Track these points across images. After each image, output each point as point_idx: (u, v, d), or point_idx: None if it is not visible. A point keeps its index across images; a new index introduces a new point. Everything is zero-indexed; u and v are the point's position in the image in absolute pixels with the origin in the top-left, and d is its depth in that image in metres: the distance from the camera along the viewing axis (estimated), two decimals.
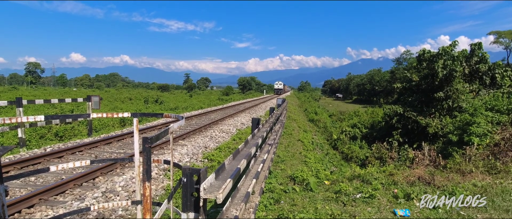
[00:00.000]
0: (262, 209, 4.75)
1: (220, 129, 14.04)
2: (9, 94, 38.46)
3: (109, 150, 9.03)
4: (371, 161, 12.97)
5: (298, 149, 11.71)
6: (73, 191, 5.67)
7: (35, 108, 22.16)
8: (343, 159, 15.83)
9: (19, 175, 2.65)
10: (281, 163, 8.77)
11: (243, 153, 3.76)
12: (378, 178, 6.61)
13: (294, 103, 42.56)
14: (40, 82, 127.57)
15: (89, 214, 4.66)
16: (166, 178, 6.68)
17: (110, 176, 6.59)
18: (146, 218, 1.81)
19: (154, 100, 37.86)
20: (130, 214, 4.87)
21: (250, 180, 4.54)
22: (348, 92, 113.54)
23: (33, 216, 4.58)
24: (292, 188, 6.02)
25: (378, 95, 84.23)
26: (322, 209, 4.64)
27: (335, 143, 19.29)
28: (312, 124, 26.11)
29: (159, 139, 2.05)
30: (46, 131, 11.86)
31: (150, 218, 1.85)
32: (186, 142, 10.60)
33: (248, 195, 3.82)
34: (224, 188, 2.40)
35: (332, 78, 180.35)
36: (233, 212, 3.27)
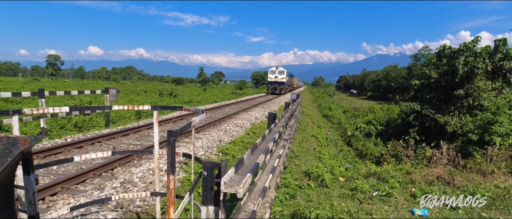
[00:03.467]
0: (278, 204, 4.75)
1: (234, 123, 14.09)
2: (31, 86, 39.79)
3: (126, 142, 9.22)
4: (386, 158, 12.76)
5: (312, 145, 11.64)
6: (93, 180, 5.82)
7: (55, 100, 22.85)
8: (357, 155, 15.64)
9: (45, 164, 2.73)
10: (296, 159, 8.74)
11: (261, 148, 3.75)
12: (395, 176, 6.50)
13: (308, 99, 42.25)
14: (60, 74, 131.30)
15: (109, 203, 4.78)
16: (182, 170, 6.77)
17: (128, 167, 6.73)
18: (169, 210, 1.84)
19: (168, 94, 38.36)
20: (147, 204, 4.96)
21: (266, 174, 4.54)
22: (363, 89, 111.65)
23: (55, 204, 4.73)
24: (307, 183, 6.00)
25: (394, 92, 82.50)
26: (338, 206, 4.60)
27: (349, 140, 19.06)
28: (326, 119, 25.86)
29: (183, 132, 2.07)
30: (66, 122, 12.21)
31: (174, 210, 1.87)
32: (201, 135, 10.70)
33: (265, 189, 3.82)
34: (244, 182, 2.40)
35: (347, 74, 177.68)
36: (250, 206, 3.28)
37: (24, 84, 47.11)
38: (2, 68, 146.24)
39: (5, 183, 1.53)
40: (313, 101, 44.51)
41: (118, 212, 4.60)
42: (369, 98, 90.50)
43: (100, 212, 4.51)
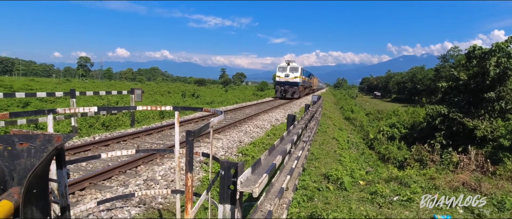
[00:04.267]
0: (295, 205, 4.78)
1: (254, 124, 14.19)
2: (64, 86, 41.97)
3: (149, 141, 9.55)
4: (410, 163, 12.38)
5: (333, 147, 11.51)
6: (118, 177, 6.10)
7: (85, 99, 23.98)
8: (379, 159, 15.27)
9: (75, 160, 2.93)
10: (315, 161, 8.70)
11: (279, 149, 3.80)
12: (417, 181, 6.32)
13: (329, 101, 41.68)
14: (90, 75, 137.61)
15: (132, 199, 5.00)
16: (202, 170, 6.93)
17: (151, 165, 6.98)
18: (187, 206, 1.94)
19: (191, 94, 39.16)
20: (168, 202, 5.14)
21: (284, 176, 4.59)
22: (387, 91, 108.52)
23: (84, 198, 5.01)
24: (325, 186, 5.97)
25: (420, 95, 79.60)
26: (357, 210, 4.55)
27: (371, 143, 18.64)
28: (348, 122, 25.42)
29: (201, 132, 2.16)
30: (94, 121, 12.81)
31: (191, 207, 1.97)
32: (221, 136, 10.87)
33: (282, 190, 3.87)
34: (260, 182, 2.47)
35: (371, 75, 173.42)
36: (267, 206, 3.34)
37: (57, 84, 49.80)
38: (38, 69, 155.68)
39: (41, 175, 1.68)
40: (335, 103, 43.85)
41: (141, 208, 4.80)
42: (393, 101, 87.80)
43: (124, 208, 4.72)
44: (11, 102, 19.45)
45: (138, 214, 4.57)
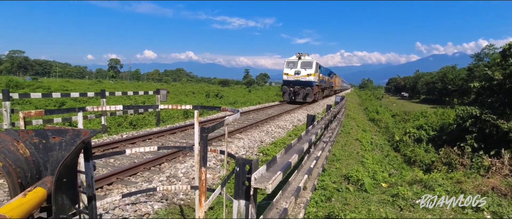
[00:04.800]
0: (313, 205, 4.78)
1: (276, 124, 14.23)
2: (95, 87, 44.12)
3: (173, 139, 9.87)
4: (437, 166, 11.89)
5: (356, 149, 11.31)
6: (143, 173, 6.38)
7: (114, 99, 25.08)
8: (405, 162, 14.78)
9: (102, 155, 3.14)
10: (337, 162, 8.60)
11: (296, 148, 3.84)
12: (442, 185, 6.10)
13: (354, 102, 40.80)
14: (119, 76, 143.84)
15: (155, 194, 5.23)
16: (223, 168, 7.09)
17: (173, 163, 7.23)
18: (201, 199, 2.04)
19: (215, 95, 39.79)
20: (189, 198, 5.32)
21: (301, 175, 4.62)
22: (416, 91, 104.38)
23: (111, 192, 5.31)
24: (345, 187, 5.91)
25: (451, 95, 75.90)
26: (376, 211, 4.49)
27: (397, 145, 18.07)
28: (373, 123, 24.78)
29: (215, 129, 2.27)
30: (122, 120, 13.40)
31: (205, 200, 2.07)
32: (243, 136, 11.01)
33: (298, 189, 3.91)
34: (273, 179, 2.53)
35: (398, 75, 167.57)
36: (283, 204, 3.40)
37: (90, 85, 52.44)
38: (73, 71, 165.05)
39: (71, 166, 1.85)
40: (359, 104, 42.85)
41: (163, 203, 5.01)
42: (422, 102, 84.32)
43: (148, 202, 4.95)
44: (48, 102, 20.75)
45: (160, 208, 4.78)
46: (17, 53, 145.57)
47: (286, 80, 24.85)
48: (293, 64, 24.82)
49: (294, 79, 24.37)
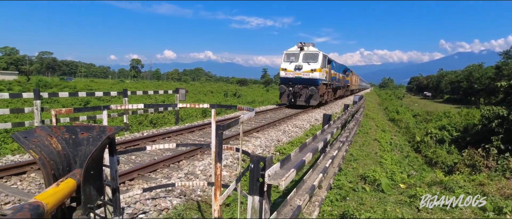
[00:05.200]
0: (328, 204, 4.81)
1: (293, 124, 14.23)
2: (118, 86, 45.59)
3: (191, 138, 10.11)
4: (460, 168, 11.52)
5: (374, 149, 11.14)
6: (162, 170, 6.61)
7: (135, 98, 25.85)
8: (426, 163, 14.39)
9: (125, 151, 3.32)
10: (354, 162, 8.53)
11: (310, 147, 3.89)
12: (463, 187, 5.95)
13: (373, 101, 40.00)
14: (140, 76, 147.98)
15: (174, 190, 5.42)
16: (240, 166, 7.21)
17: (192, 160, 7.42)
18: (216, 193, 2.14)
19: (233, 94, 40.15)
20: (206, 195, 5.48)
21: (316, 174, 4.66)
22: (439, 91, 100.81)
23: (133, 187, 5.55)
24: (361, 187, 5.88)
25: (476, 95, 72.78)
26: (392, 212, 4.46)
27: (418, 146, 17.60)
28: (393, 123, 24.23)
29: (230, 126, 2.37)
30: (143, 118, 13.84)
31: (220, 194, 2.17)
32: (260, 135, 11.11)
33: (313, 188, 3.95)
34: (287, 176, 2.61)
35: (420, 74, 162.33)
36: (296, 201, 3.46)
37: (113, 85, 54.27)
38: (97, 71, 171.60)
39: (98, 160, 2.01)
40: (379, 104, 41.94)
41: (181, 199, 5.19)
42: (445, 102, 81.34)
43: (167, 198, 5.14)
44: (74, 101, 21.69)
45: (179, 204, 4.95)
46: (46, 54, 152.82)
47: (284, 77, 19.88)
48: (294, 57, 19.71)
49: (294, 76, 19.46)
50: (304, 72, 19.25)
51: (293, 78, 19.63)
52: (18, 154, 7.39)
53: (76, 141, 2.05)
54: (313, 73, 19.09)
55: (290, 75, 19.72)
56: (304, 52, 19.62)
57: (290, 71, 19.68)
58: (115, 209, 2.24)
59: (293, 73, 19.61)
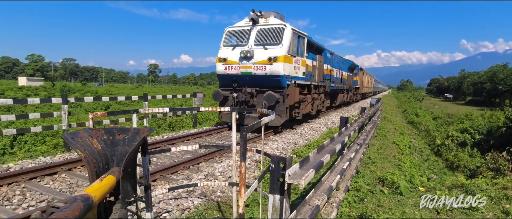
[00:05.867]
0: (346, 205, 4.86)
1: (310, 127, 14.25)
2: (137, 91, 46.86)
3: (210, 140, 10.33)
4: (483, 172, 11.19)
5: (392, 152, 11.02)
6: (183, 172, 6.84)
7: (154, 103, 26.53)
8: (447, 167, 14.04)
9: (151, 152, 3.53)
10: (372, 165, 8.50)
11: (328, 149, 3.98)
12: (485, 190, 5.85)
13: (391, 104, 39.26)
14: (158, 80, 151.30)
15: (195, 191, 5.62)
16: (257, 169, 7.35)
17: (211, 162, 7.63)
18: (241, 190, 2.29)
19: None
20: (226, 196, 5.64)
21: (334, 175, 4.73)
22: (460, 92, 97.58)
23: (156, 187, 5.79)
24: (379, 189, 5.89)
25: (501, 97, 70.03)
26: (411, 214, 4.47)
27: (438, 149, 17.18)
28: (412, 126, 23.74)
29: (253, 128, 2.51)
30: (162, 122, 14.22)
31: (244, 191, 2.32)
32: (277, 138, 11.21)
33: (331, 188, 4.04)
34: (306, 176, 2.72)
35: (440, 76, 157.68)
36: (315, 201, 3.56)
37: (132, 89, 55.83)
38: (117, 76, 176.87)
39: (133, 159, 2.20)
40: (397, 106, 41.11)
41: (202, 199, 5.38)
42: (468, 104, 78.64)
43: (189, 198, 5.34)
44: (96, 105, 22.51)
45: (200, 204, 5.14)
46: (69, 61, 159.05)
47: (223, 74, 11.61)
48: (242, 37, 11.49)
49: (238, 73, 11.15)
50: (256, 63, 10.75)
51: (237, 76, 11.22)
52: (48, 156, 7.83)
53: (114, 141, 2.25)
54: (273, 66, 10.49)
55: (232, 71, 11.23)
56: (259, 29, 11.13)
57: (233, 62, 11.15)
58: (147, 205, 2.43)
59: (238, 67, 11.09)
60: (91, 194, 1.66)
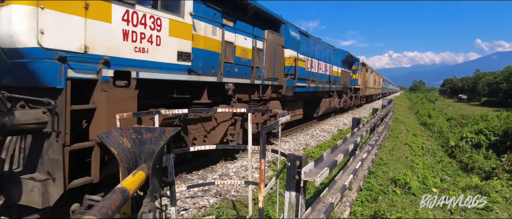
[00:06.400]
0: (359, 204, 4.94)
1: (321, 128, 14.30)
2: None
3: None
4: (498, 173, 11.04)
5: (404, 153, 10.97)
6: (198, 172, 7.01)
7: None
8: (461, 168, 13.86)
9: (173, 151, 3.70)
10: (384, 166, 8.51)
11: (341, 149, 4.09)
12: (500, 191, 5.83)
13: (403, 105, 38.81)
14: None
15: (210, 190, 5.78)
16: (270, 169, 7.47)
17: (224, 163, 7.79)
18: (261, 186, 2.42)
19: None
20: (240, 195, 5.78)
21: (347, 175, 4.82)
22: (475, 93, 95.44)
23: None
24: (392, 189, 5.93)
25: None
26: (423, 213, 4.52)
27: (452, 151, 16.95)
28: (424, 127, 23.44)
29: (272, 128, 2.65)
30: None
31: (264, 186, 2.45)
32: (289, 139, 11.31)
33: (344, 187, 4.14)
34: (321, 173, 2.84)
35: (454, 76, 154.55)
36: (329, 199, 3.67)
37: None
38: None
39: (160, 156, 2.36)
40: (409, 107, 40.59)
41: (217, 198, 5.53)
42: (483, 104, 76.83)
43: (204, 197, 5.51)
44: None
45: (215, 203, 5.29)
46: None
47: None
48: None
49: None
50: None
51: None
52: None
53: (142, 140, 2.41)
54: None
55: None
56: None
57: None
58: (171, 200, 2.59)
59: None
60: (127, 187, 1.82)
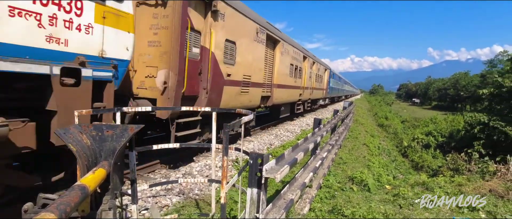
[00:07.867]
0: (318, 201, 5.19)
1: (285, 128, 14.63)
2: None
3: None
4: (443, 171, 12.08)
5: (363, 153, 11.62)
6: (160, 171, 6.89)
7: None
8: (412, 167, 14.97)
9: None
10: (343, 165, 8.96)
11: (302, 147, 4.27)
12: (443, 187, 6.42)
13: (363, 107, 40.84)
14: None
15: (173, 189, 5.72)
16: (233, 168, 7.54)
17: (188, 162, 7.73)
18: (223, 182, 2.49)
19: None
20: (203, 194, 5.79)
21: (307, 173, 5.04)
22: (427, 97, 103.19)
23: None
24: (349, 187, 6.29)
25: (463, 102, 74.89)
26: (376, 208, 4.86)
27: (405, 150, 18.23)
28: (381, 129, 24.91)
29: (234, 126, 2.73)
30: None
31: (226, 183, 2.52)
32: (253, 138, 11.46)
33: (304, 184, 4.33)
34: (281, 170, 2.98)
35: (409, 81, 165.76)
36: (289, 196, 3.83)
37: None
38: None
39: (122, 153, 2.34)
40: (369, 110, 42.83)
41: (180, 197, 5.49)
42: (433, 108, 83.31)
43: (167, 196, 5.44)
44: None
45: (178, 202, 5.26)
46: None
47: None
48: None
49: None
50: None
51: None
52: None
53: (102, 137, 2.38)
54: None
55: None
56: None
57: None
58: (132, 198, 2.57)
59: None
60: (86, 184, 1.81)
